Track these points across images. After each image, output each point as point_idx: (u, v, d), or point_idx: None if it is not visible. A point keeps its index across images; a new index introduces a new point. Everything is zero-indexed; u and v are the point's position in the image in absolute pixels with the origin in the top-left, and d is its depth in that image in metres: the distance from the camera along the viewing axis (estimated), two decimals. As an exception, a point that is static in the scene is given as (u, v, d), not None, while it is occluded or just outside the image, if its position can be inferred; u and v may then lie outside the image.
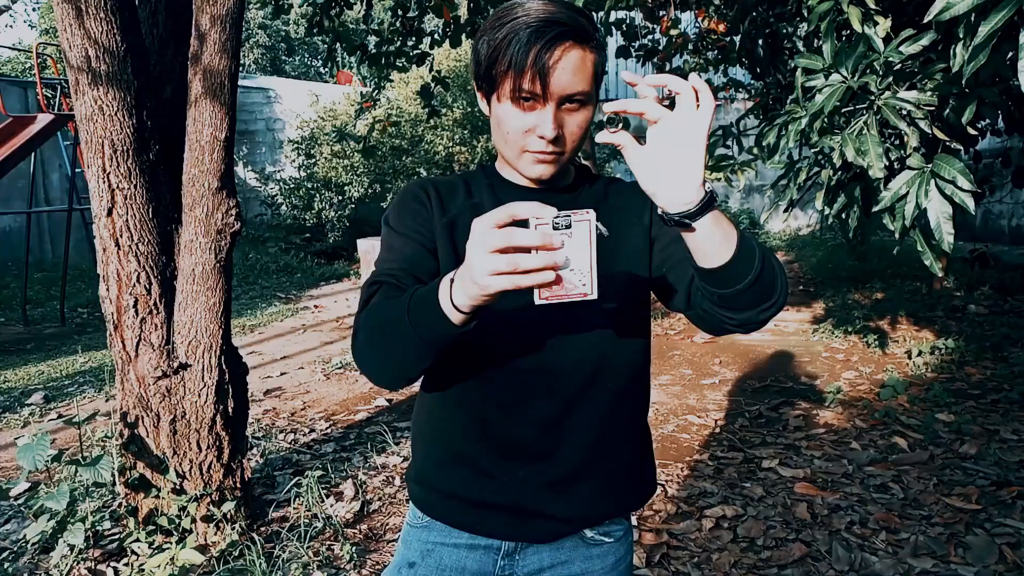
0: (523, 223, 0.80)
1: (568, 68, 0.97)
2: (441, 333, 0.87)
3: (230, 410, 2.87)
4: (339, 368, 5.64)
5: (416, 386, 1.17)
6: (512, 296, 1.04)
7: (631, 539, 1.26)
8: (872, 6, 2.30)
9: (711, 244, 0.88)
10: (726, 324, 1.00)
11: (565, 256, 0.80)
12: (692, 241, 0.89)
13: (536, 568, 1.18)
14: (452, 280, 0.84)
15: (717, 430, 4.05)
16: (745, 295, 0.92)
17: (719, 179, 4.24)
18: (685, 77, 0.86)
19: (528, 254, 0.76)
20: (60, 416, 4.64)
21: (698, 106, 0.83)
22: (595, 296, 0.82)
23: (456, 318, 0.84)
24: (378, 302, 1.00)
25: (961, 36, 1.80)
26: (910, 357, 5.14)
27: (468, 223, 1.06)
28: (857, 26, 2.21)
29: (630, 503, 1.23)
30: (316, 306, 8.59)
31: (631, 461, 1.21)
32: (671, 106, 0.86)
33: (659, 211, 0.88)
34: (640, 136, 0.91)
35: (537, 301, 0.83)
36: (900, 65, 2.22)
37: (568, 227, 0.81)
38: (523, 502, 1.13)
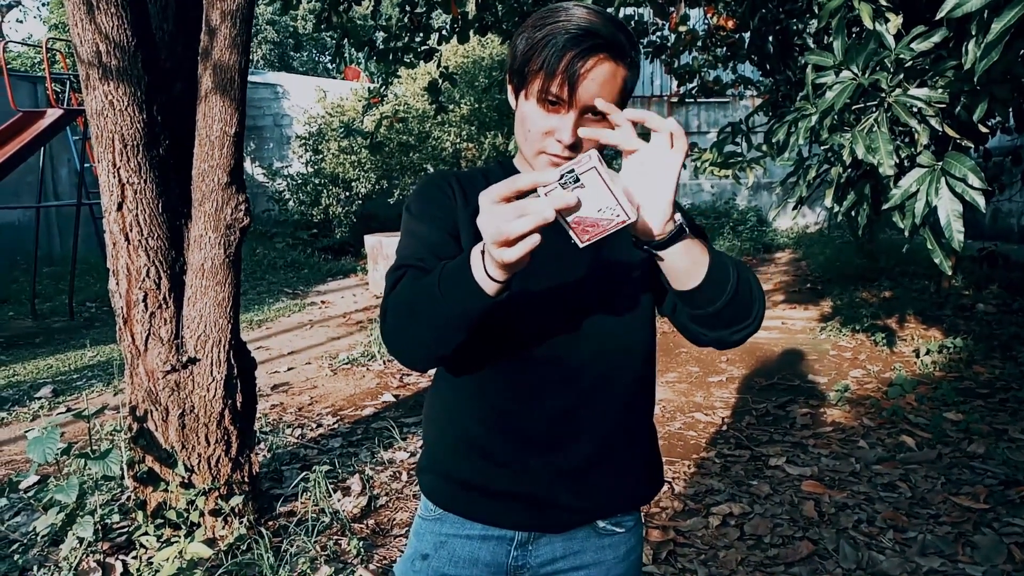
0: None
1: (597, 80, 0.98)
2: (474, 304, 0.88)
3: (238, 405, 2.88)
4: (346, 363, 5.65)
5: (426, 382, 1.17)
6: (539, 277, 1.07)
7: (641, 531, 1.28)
8: (883, 3, 2.29)
9: (679, 272, 0.94)
10: (701, 339, 1.06)
11: (589, 205, 0.82)
12: (662, 266, 0.94)
13: (549, 558, 1.19)
14: (483, 252, 0.85)
15: (724, 428, 4.04)
16: (717, 317, 0.98)
17: (727, 176, 4.22)
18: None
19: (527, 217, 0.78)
20: (69, 410, 4.67)
21: (672, 147, 0.88)
22: (635, 217, 0.83)
23: (490, 288, 0.86)
24: (407, 283, 1.00)
25: (973, 33, 1.78)
26: (918, 356, 5.12)
27: None
28: (868, 23, 2.20)
29: (642, 496, 1.24)
30: (323, 302, 8.61)
31: (643, 454, 1.23)
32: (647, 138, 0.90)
33: (631, 238, 0.92)
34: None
35: (580, 245, 0.85)
36: (911, 62, 2.21)
37: (577, 180, 0.82)
38: (537, 492, 1.14)
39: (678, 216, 0.91)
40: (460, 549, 1.19)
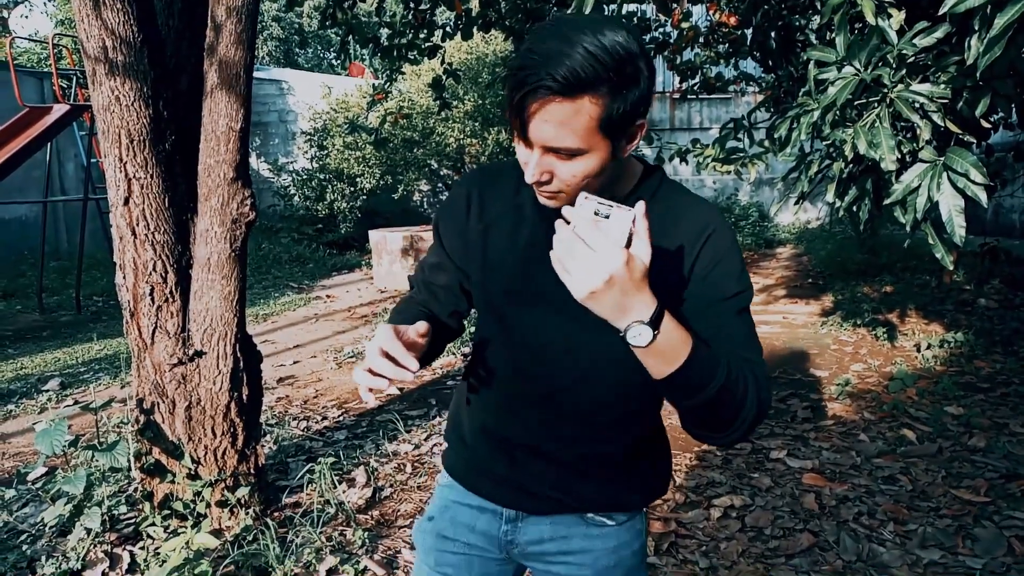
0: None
1: (550, 121, 0.91)
2: None
3: (244, 397, 2.90)
4: (351, 357, 5.68)
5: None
6: (539, 299, 1.11)
7: (640, 526, 1.28)
8: (886, -2, 2.30)
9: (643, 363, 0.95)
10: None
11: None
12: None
13: (536, 538, 1.24)
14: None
15: (726, 422, 4.05)
16: (688, 415, 1.01)
17: (729, 172, 4.23)
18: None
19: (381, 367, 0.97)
20: (76, 402, 4.70)
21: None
22: None
23: None
24: (395, 306, 1.29)
25: (976, 28, 1.80)
26: (919, 350, 5.13)
27: (504, 229, 1.15)
28: (871, 18, 2.21)
29: (632, 503, 1.25)
30: (328, 296, 8.64)
31: (637, 468, 1.24)
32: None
33: None
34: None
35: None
36: (913, 58, 2.22)
37: (607, 216, 0.86)
38: (524, 483, 1.22)
39: (632, 338, 0.90)
40: (460, 515, 1.28)
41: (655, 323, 0.88)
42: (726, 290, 1.06)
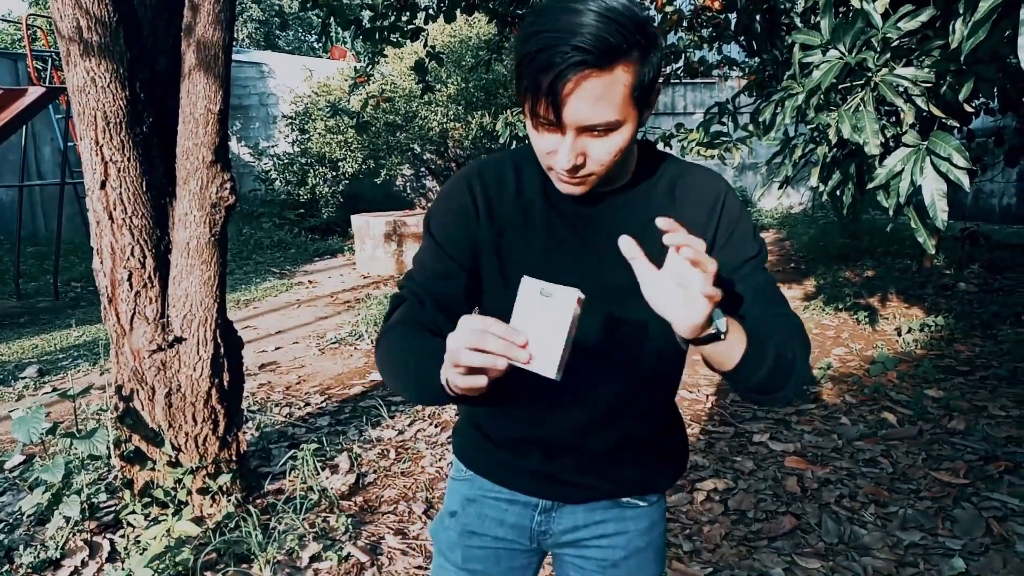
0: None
1: (586, 98, 0.88)
2: (437, 399, 0.92)
3: (225, 383, 2.87)
4: (333, 343, 5.65)
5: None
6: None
7: (664, 506, 1.30)
8: (870, -19, 2.29)
9: (713, 362, 0.97)
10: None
11: (534, 325, 0.79)
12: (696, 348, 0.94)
13: (571, 526, 1.23)
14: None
15: (708, 405, 4.08)
16: (744, 390, 1.01)
17: (713, 156, 4.23)
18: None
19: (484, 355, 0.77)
20: (55, 389, 4.64)
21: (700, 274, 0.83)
22: (555, 377, 0.79)
23: (451, 394, 0.88)
24: (395, 329, 1.04)
25: (961, 12, 1.79)
26: (900, 334, 5.17)
27: (517, 230, 1.09)
28: (856, 1, 2.20)
29: (665, 483, 1.27)
30: (310, 281, 8.58)
31: (665, 447, 1.26)
32: None
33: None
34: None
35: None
36: (898, 41, 2.22)
37: (550, 295, 0.79)
38: (559, 475, 1.19)
39: (719, 324, 0.88)
40: (488, 509, 1.24)
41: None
42: (747, 251, 1.07)
